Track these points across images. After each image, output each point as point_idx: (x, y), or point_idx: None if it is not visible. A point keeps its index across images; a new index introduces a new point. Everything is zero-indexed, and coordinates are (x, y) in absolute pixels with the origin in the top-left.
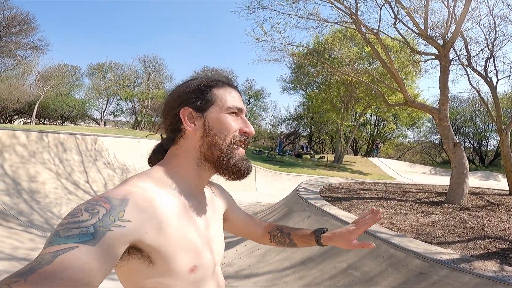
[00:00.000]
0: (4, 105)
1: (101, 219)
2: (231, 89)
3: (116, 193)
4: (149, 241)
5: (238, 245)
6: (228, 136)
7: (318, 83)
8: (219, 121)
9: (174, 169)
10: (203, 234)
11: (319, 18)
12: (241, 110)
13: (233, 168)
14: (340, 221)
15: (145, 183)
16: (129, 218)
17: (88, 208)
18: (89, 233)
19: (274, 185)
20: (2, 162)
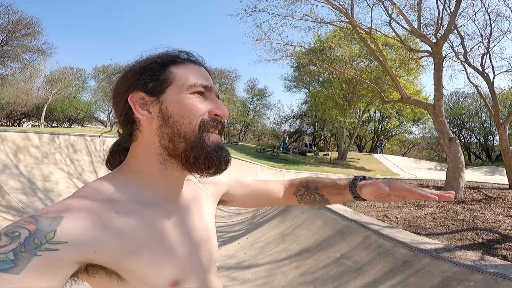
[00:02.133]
0: (13, 108)
1: (22, 244)
2: (193, 65)
3: (50, 210)
4: (105, 260)
5: (240, 238)
6: (193, 121)
7: (320, 81)
8: (180, 104)
9: (134, 173)
10: (184, 242)
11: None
12: (209, 88)
13: (205, 161)
14: (335, 214)
15: (94, 194)
16: (62, 239)
17: (8, 232)
18: (8, 260)
19: None
20: (17, 163)
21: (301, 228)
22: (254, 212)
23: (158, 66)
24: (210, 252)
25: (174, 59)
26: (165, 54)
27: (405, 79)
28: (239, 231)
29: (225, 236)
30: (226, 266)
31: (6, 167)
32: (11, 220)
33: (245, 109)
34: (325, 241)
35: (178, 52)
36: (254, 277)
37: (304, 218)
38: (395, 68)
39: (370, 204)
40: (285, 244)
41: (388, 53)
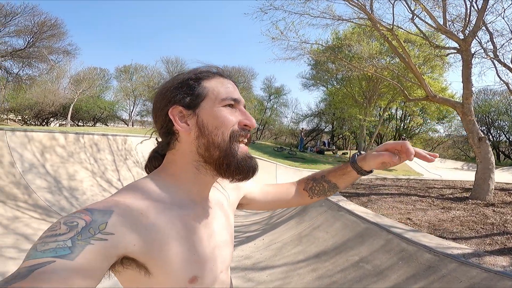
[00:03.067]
0: (41, 108)
1: (79, 232)
2: (223, 79)
3: (101, 204)
4: (140, 253)
5: (257, 239)
6: (226, 132)
7: (339, 78)
8: (214, 117)
9: (170, 177)
10: (207, 242)
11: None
12: (238, 101)
13: (236, 169)
14: (355, 216)
15: (137, 193)
16: (111, 230)
17: (66, 221)
18: (66, 247)
19: None
20: (44, 162)
21: (319, 230)
22: (271, 213)
23: (192, 82)
24: (227, 254)
25: (206, 75)
26: (198, 70)
27: (429, 76)
28: (256, 231)
29: (242, 236)
30: (242, 266)
31: (33, 166)
32: (38, 218)
33: (262, 108)
34: (343, 244)
35: (208, 67)
36: (270, 279)
37: (322, 219)
38: (418, 65)
39: (392, 207)
40: (302, 245)
41: (411, 50)
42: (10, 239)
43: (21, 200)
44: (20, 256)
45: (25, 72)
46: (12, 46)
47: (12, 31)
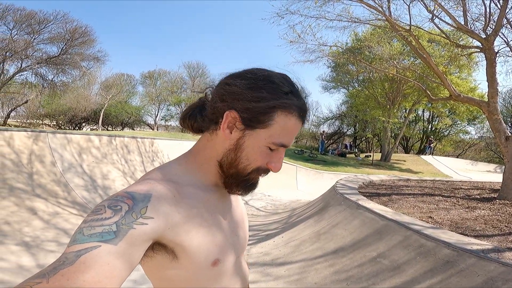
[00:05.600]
0: (74, 113)
1: (123, 217)
2: (298, 121)
3: (140, 187)
4: (172, 236)
5: (276, 237)
6: (251, 166)
7: (360, 80)
8: (254, 149)
9: (196, 163)
10: (226, 227)
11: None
12: (285, 146)
13: (239, 189)
14: (374, 214)
15: (168, 175)
16: (151, 214)
17: (111, 205)
18: (112, 231)
19: (315, 184)
20: (81, 162)
21: (338, 228)
22: (290, 212)
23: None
24: (244, 239)
25: (285, 107)
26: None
27: (457, 76)
28: (275, 229)
29: (261, 234)
30: (261, 262)
31: (72, 166)
32: (76, 214)
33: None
34: (361, 240)
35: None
36: (287, 274)
37: (341, 217)
38: (444, 65)
39: (413, 206)
40: (320, 242)
41: (435, 50)
42: (51, 233)
43: (61, 197)
44: (59, 249)
45: (59, 78)
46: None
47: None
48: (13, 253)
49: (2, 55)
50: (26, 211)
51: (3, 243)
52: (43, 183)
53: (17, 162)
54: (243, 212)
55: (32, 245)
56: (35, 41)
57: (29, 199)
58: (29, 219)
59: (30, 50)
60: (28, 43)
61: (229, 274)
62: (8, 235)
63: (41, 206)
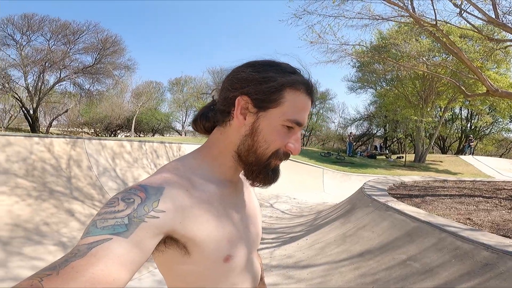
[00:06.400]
0: (109, 121)
1: (135, 209)
2: (307, 99)
3: (153, 180)
4: (184, 231)
5: (300, 239)
6: (270, 149)
7: (388, 79)
8: (270, 129)
9: (210, 156)
10: (239, 222)
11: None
12: (300, 124)
13: (262, 179)
14: (405, 215)
15: (183, 169)
16: (163, 208)
17: (124, 198)
18: (123, 224)
19: (342, 186)
20: (114, 166)
21: (365, 230)
22: (316, 215)
23: (275, 85)
24: (256, 235)
25: (293, 84)
26: (287, 73)
27: (495, 72)
28: (300, 232)
29: (285, 237)
30: (283, 265)
31: (106, 170)
32: None
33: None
34: (390, 243)
35: (299, 77)
36: (310, 277)
37: (369, 219)
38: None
39: (450, 207)
40: (346, 245)
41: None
42: None
43: (96, 200)
44: None
45: (94, 87)
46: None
47: (81, 49)
48: (51, 253)
49: (42, 65)
50: (64, 213)
51: (42, 243)
52: (80, 186)
53: (56, 166)
54: (256, 208)
55: (68, 245)
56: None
57: (67, 202)
58: (66, 220)
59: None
60: (65, 53)
61: (240, 271)
62: (46, 236)
63: (78, 208)
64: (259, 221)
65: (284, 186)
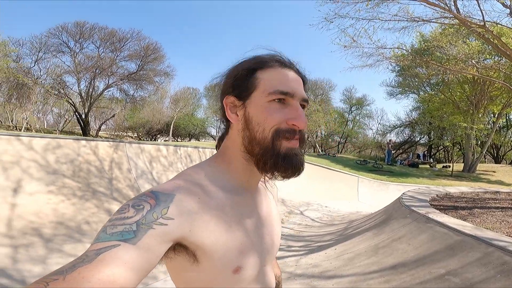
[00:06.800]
0: (151, 126)
1: (144, 216)
2: (281, 69)
3: (165, 187)
4: (194, 239)
5: (328, 248)
6: (267, 129)
7: (433, 84)
8: (258, 111)
9: (224, 163)
10: (252, 232)
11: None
12: (291, 94)
13: (272, 167)
14: (447, 228)
15: (197, 176)
16: (172, 215)
17: (134, 204)
18: (132, 230)
19: (379, 195)
20: (151, 169)
21: (400, 242)
22: (347, 224)
23: (246, 71)
24: (271, 246)
25: (262, 65)
26: (255, 59)
27: None
28: (329, 241)
29: (313, 246)
30: (309, 274)
31: (144, 173)
32: None
33: (343, 120)
34: (428, 256)
35: (268, 56)
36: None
37: (405, 231)
38: None
39: (501, 221)
40: (378, 257)
41: None
42: None
43: None
44: None
45: (138, 93)
46: (127, 69)
47: (126, 56)
48: None
49: (93, 72)
50: (104, 213)
51: (82, 242)
52: (119, 188)
53: (100, 168)
54: (274, 218)
55: None
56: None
57: (107, 202)
58: (105, 220)
59: (114, 67)
60: (113, 61)
61: (250, 283)
62: (87, 234)
63: (116, 208)
64: (276, 231)
65: (315, 194)
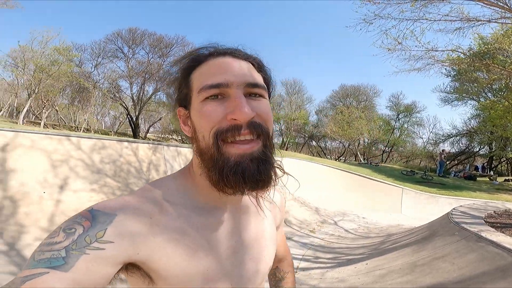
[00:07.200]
0: None
1: (75, 241)
2: (213, 60)
3: (109, 205)
4: (144, 261)
5: (359, 262)
6: (206, 134)
7: (495, 89)
8: (196, 116)
9: (192, 178)
10: (225, 258)
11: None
12: (225, 84)
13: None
14: (502, 248)
15: (156, 192)
16: (110, 238)
17: (66, 228)
18: (60, 257)
19: (426, 209)
20: None
21: (443, 261)
22: (385, 238)
23: (182, 74)
24: (255, 273)
25: (195, 61)
26: (189, 56)
27: None
28: (360, 255)
29: (342, 258)
30: None
31: None
32: None
33: (389, 128)
34: (473, 277)
35: (201, 50)
36: None
37: (451, 249)
38: None
39: None
40: (414, 275)
41: None
42: None
43: None
44: None
45: None
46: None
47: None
48: None
49: (143, 77)
50: None
51: None
52: None
53: (139, 169)
54: (266, 239)
55: None
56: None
57: None
58: None
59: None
60: (160, 66)
61: None
62: None
63: None
64: (265, 256)
65: (353, 204)
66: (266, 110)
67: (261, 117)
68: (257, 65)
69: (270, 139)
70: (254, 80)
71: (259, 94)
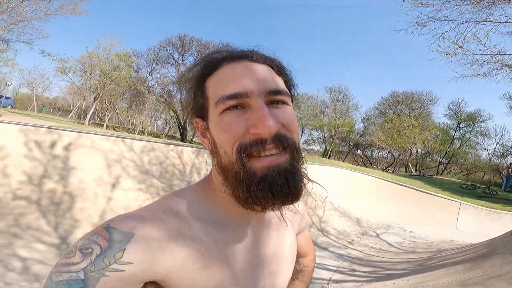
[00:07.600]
0: None
1: (93, 262)
2: (228, 66)
3: (126, 222)
4: (164, 280)
5: (399, 278)
6: (228, 150)
7: None
8: (215, 129)
9: (212, 191)
10: (242, 274)
11: None
12: (242, 94)
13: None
14: None
15: (178, 205)
16: (130, 259)
17: (82, 247)
18: (79, 279)
19: (486, 225)
20: None
21: (499, 280)
22: (434, 253)
23: (196, 82)
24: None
25: (209, 69)
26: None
27: None
28: (402, 270)
29: (381, 273)
30: None
31: None
32: None
33: (447, 138)
34: None
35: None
36: None
37: (510, 268)
38: None
39: None
40: None
41: None
42: None
43: None
44: None
45: None
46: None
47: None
48: None
49: None
50: None
51: None
52: None
53: (182, 172)
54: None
55: None
56: None
57: None
58: None
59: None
60: None
61: None
62: None
63: None
64: (283, 270)
65: (399, 216)
66: (291, 119)
67: (286, 128)
68: (276, 68)
69: (297, 149)
70: (276, 87)
71: (282, 101)
